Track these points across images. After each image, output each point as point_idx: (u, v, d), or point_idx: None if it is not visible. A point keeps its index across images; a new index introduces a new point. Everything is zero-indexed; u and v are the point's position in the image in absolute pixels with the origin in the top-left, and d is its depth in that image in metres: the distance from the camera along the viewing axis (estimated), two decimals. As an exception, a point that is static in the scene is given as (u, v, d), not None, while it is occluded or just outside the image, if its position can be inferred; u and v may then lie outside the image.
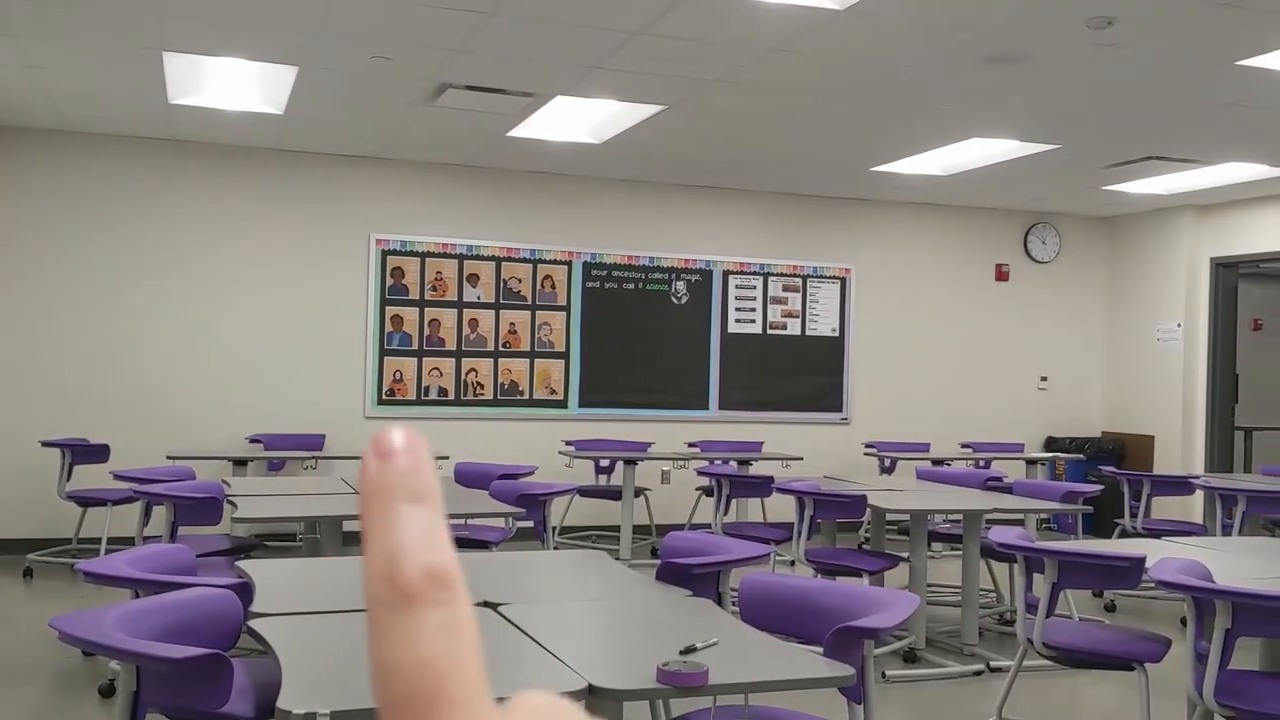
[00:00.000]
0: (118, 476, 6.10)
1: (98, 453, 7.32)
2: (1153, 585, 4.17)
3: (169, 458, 7.25)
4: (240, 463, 7.30)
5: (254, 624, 2.63)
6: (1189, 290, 9.95)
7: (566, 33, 5.34)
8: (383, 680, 0.28)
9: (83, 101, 7.03)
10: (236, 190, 8.31)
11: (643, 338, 9.31)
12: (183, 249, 8.18)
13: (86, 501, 7.14)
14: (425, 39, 5.49)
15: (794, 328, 9.75)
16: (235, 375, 8.29)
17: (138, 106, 7.12)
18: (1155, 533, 6.54)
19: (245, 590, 2.97)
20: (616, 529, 8.53)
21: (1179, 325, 9.96)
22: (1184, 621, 3.59)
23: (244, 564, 3.43)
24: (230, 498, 4.93)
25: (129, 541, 6.29)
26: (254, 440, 8.14)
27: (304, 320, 8.46)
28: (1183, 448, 9.86)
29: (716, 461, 8.13)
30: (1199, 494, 7.83)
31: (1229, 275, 9.91)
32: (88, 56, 6.00)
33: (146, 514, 5.35)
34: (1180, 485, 7.43)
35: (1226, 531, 6.57)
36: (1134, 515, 7.19)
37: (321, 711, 2.01)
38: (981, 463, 9.13)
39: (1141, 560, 3.76)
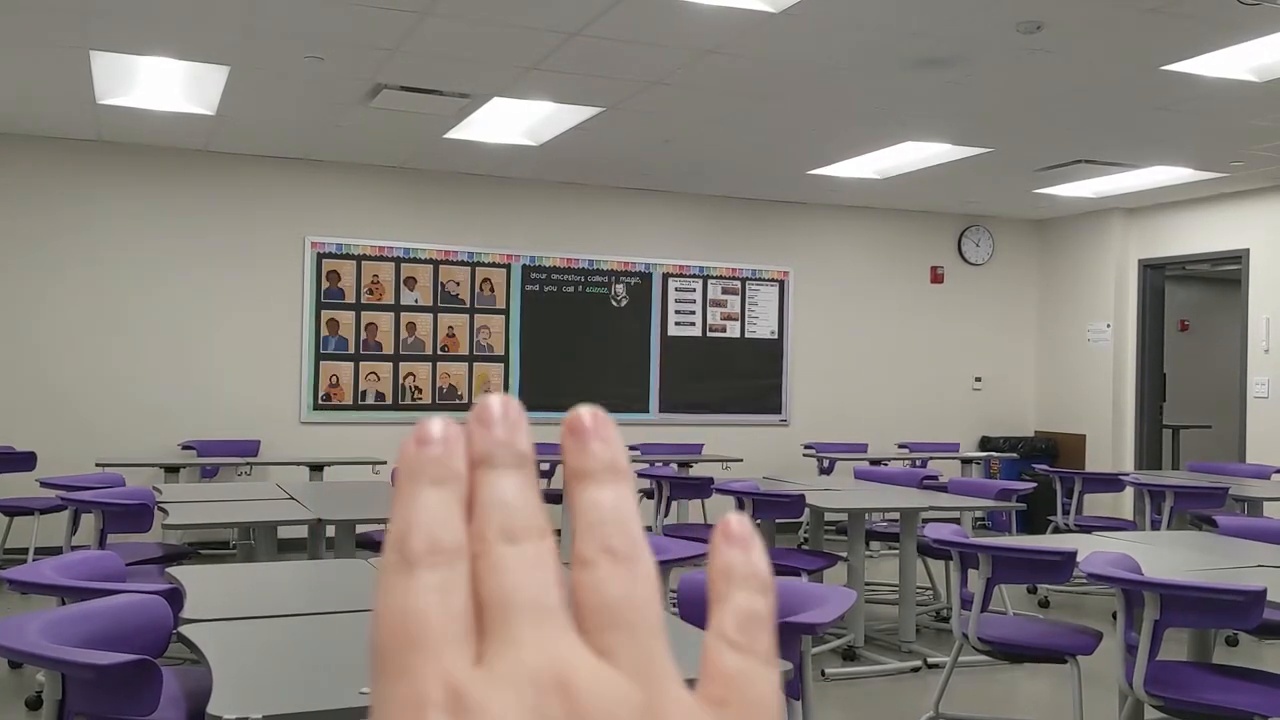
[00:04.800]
0: (45, 484, 5.95)
1: (24, 460, 7.14)
2: (1085, 580, 4.24)
3: (98, 465, 7.09)
4: (172, 469, 7.16)
5: (184, 630, 2.58)
6: (1118, 292, 10.15)
7: (502, 34, 5.32)
8: (376, 627, 0.30)
9: (6, 101, 6.87)
10: (167, 193, 8.16)
11: (582, 341, 9.30)
12: (113, 253, 8.02)
13: (12, 510, 6.96)
14: (359, 39, 5.44)
15: (733, 330, 9.80)
16: (167, 381, 8.13)
17: (64, 107, 6.96)
18: (1087, 528, 6.65)
19: (175, 596, 2.92)
20: (559, 533, 8.48)
21: (1109, 326, 10.16)
22: (1115, 615, 3.65)
23: (175, 570, 3.36)
24: (161, 504, 4.83)
25: (57, 551, 6.13)
26: (186, 446, 8.00)
27: (238, 325, 8.33)
28: (1113, 446, 10.06)
29: (657, 463, 8.13)
30: (1129, 490, 7.98)
31: (1156, 277, 10.13)
32: (11, 55, 5.86)
33: (75, 522, 5.23)
34: (1111, 482, 7.58)
35: (1155, 526, 6.71)
36: (1066, 512, 7.31)
37: (253, 716, 1.98)
38: (918, 462, 9.23)
39: (1073, 554, 3.82)
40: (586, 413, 0.33)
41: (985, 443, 10.57)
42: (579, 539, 0.31)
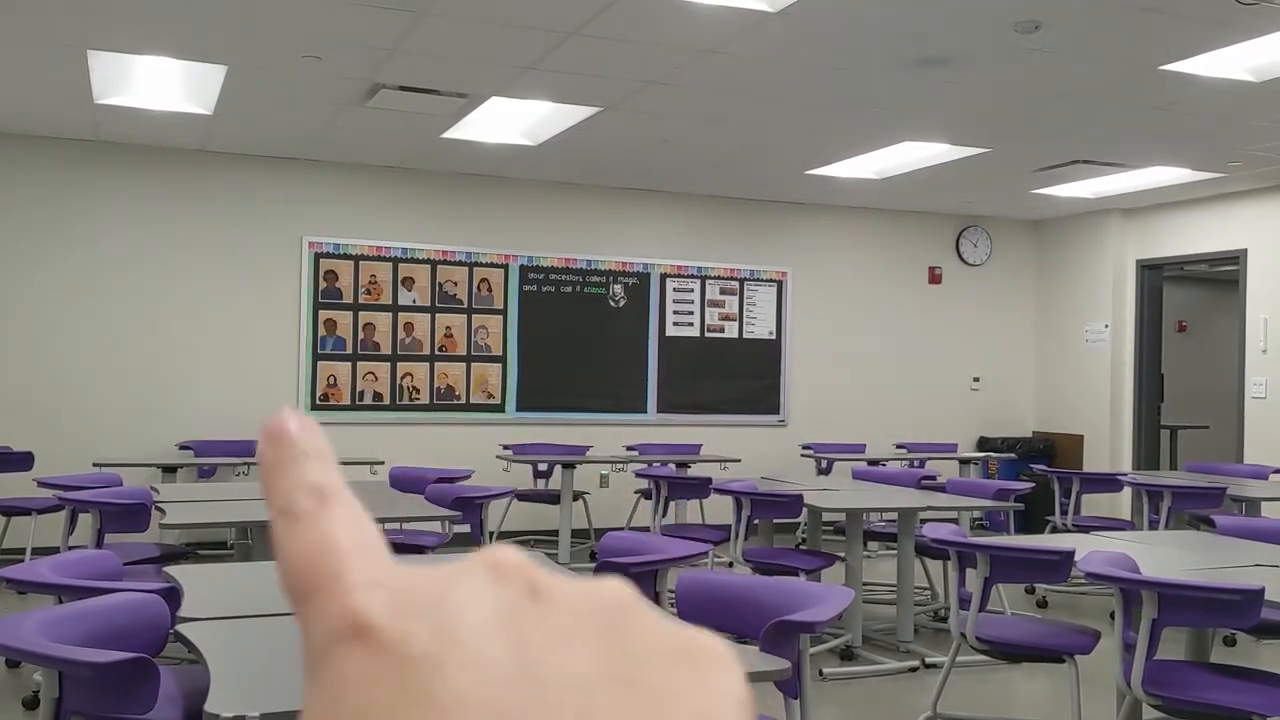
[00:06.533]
0: (42, 484, 5.94)
1: (21, 460, 7.13)
2: (1082, 580, 4.24)
3: (95, 465, 7.08)
4: (169, 469, 7.16)
5: (182, 629, 2.58)
6: (1116, 292, 10.15)
7: (500, 33, 5.32)
8: (285, 571, 0.28)
9: (3, 101, 6.86)
10: (165, 192, 8.16)
11: (580, 341, 9.29)
12: (110, 252, 8.01)
13: (10, 511, 6.95)
14: (357, 38, 5.44)
15: (731, 330, 9.79)
16: (165, 381, 8.13)
17: (62, 106, 6.96)
18: (1085, 528, 6.65)
19: (173, 595, 2.91)
20: (555, 533, 8.49)
21: (1106, 326, 10.16)
22: (1113, 615, 3.65)
23: (172, 570, 3.36)
24: (159, 504, 4.83)
25: (54, 551, 6.12)
26: (184, 447, 7.99)
27: (235, 324, 8.32)
28: (1111, 446, 10.06)
29: (655, 464, 8.13)
30: (1127, 491, 7.98)
31: (1154, 277, 10.13)
32: (9, 54, 5.86)
33: (72, 522, 5.22)
34: (1109, 482, 7.58)
35: (1154, 526, 6.71)
36: (1064, 512, 7.31)
37: (250, 715, 1.97)
38: (916, 463, 9.23)
39: (1071, 554, 3.83)
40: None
41: (983, 443, 10.57)
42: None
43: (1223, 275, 11.14)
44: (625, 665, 0.27)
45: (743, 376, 9.80)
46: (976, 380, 10.71)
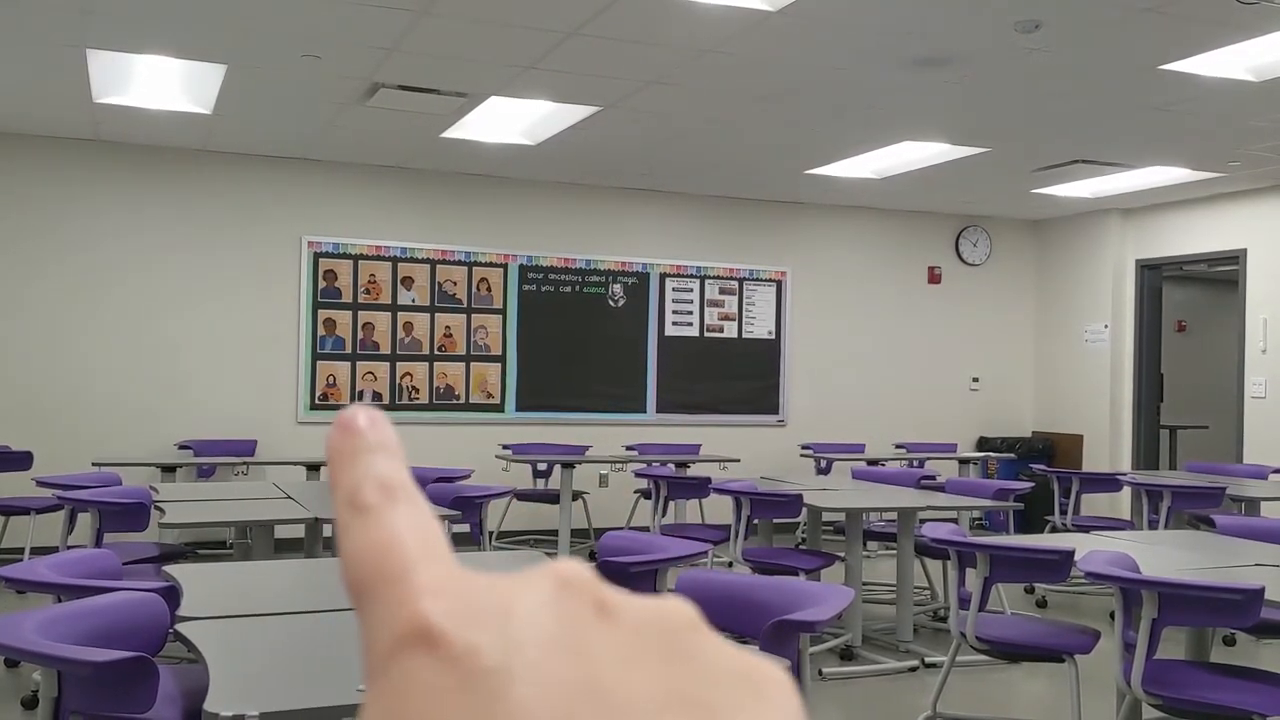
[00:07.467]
0: (41, 483, 5.94)
1: (20, 460, 7.13)
2: (1082, 580, 4.25)
3: (95, 464, 7.07)
4: (169, 469, 7.15)
5: (181, 628, 2.57)
6: (1115, 292, 10.15)
7: (499, 32, 5.32)
8: (348, 567, 0.28)
9: (2, 100, 6.85)
10: (164, 192, 8.15)
11: (580, 341, 9.29)
12: (108, 252, 8.01)
13: (9, 510, 6.95)
14: (356, 37, 5.43)
15: (731, 330, 9.79)
16: (164, 381, 8.12)
17: (61, 106, 6.95)
18: (1084, 528, 6.65)
19: (172, 594, 2.91)
20: (555, 533, 8.49)
21: (1106, 326, 10.16)
22: (1112, 615, 3.65)
23: (172, 569, 3.36)
24: (158, 504, 4.82)
25: (53, 551, 6.12)
26: (183, 446, 7.99)
27: (235, 324, 8.32)
28: (1110, 446, 10.06)
29: (654, 464, 8.12)
30: (1126, 490, 7.98)
31: (1154, 277, 10.13)
32: (7, 53, 5.85)
33: (71, 521, 5.22)
34: (1108, 482, 7.57)
35: (1153, 526, 6.71)
36: (1064, 512, 7.31)
37: (250, 714, 1.97)
38: (915, 463, 9.23)
39: (1071, 553, 3.82)
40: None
41: (983, 443, 10.57)
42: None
43: (1222, 275, 11.14)
44: (689, 686, 0.27)
45: (742, 376, 9.80)
46: (976, 380, 10.71)
